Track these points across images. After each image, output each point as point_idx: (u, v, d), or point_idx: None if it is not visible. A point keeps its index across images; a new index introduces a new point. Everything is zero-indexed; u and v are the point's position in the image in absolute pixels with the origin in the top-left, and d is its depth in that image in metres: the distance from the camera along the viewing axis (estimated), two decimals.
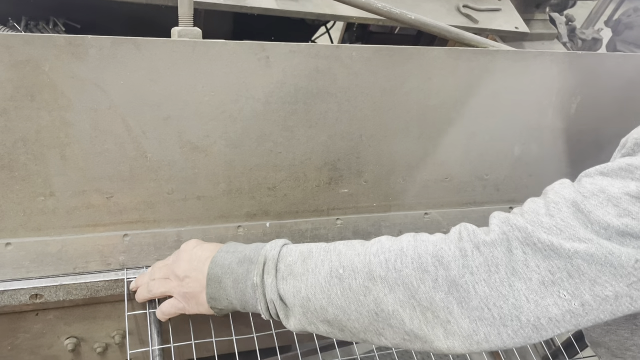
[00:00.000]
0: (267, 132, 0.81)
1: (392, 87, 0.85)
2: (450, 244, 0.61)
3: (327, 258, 0.65)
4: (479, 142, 0.95)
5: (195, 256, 0.73)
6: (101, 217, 0.77)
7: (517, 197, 1.02)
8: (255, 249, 0.71)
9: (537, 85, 0.95)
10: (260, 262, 0.68)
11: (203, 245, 0.75)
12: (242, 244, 0.75)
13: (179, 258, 0.75)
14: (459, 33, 0.87)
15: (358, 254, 0.64)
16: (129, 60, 0.70)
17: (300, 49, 0.78)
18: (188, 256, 0.74)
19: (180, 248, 0.76)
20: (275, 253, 0.68)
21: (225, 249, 0.73)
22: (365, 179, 0.90)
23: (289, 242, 0.72)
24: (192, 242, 0.77)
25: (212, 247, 0.75)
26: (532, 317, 0.55)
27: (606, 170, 0.60)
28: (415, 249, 0.61)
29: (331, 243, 0.69)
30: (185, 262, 0.73)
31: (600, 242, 0.54)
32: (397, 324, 0.60)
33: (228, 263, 0.70)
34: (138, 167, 0.76)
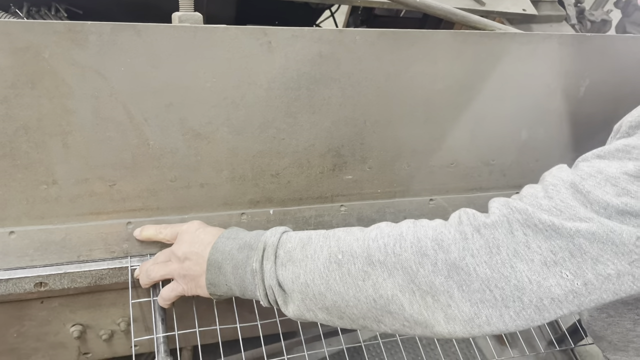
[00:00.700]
0: (270, 118, 0.81)
1: (396, 72, 0.85)
2: (450, 227, 0.61)
3: (326, 244, 0.66)
4: (485, 127, 0.94)
5: (197, 239, 0.74)
6: (104, 205, 0.77)
7: (524, 183, 1.01)
8: (255, 235, 0.71)
9: (545, 69, 0.94)
10: (260, 248, 0.68)
11: (206, 229, 0.76)
12: (244, 230, 0.75)
13: (181, 239, 0.75)
14: (465, 16, 0.86)
15: (357, 239, 0.64)
16: (130, 46, 0.70)
17: (303, 33, 0.78)
18: (190, 238, 0.75)
19: (183, 228, 0.77)
20: (275, 240, 0.68)
21: (226, 234, 0.73)
22: (370, 165, 0.90)
23: (290, 229, 0.73)
24: (195, 224, 0.77)
25: (214, 231, 0.75)
26: (534, 298, 0.55)
27: (603, 153, 0.61)
28: (414, 233, 0.62)
29: (331, 230, 0.69)
30: (186, 243, 0.74)
31: (601, 220, 0.54)
32: (396, 309, 0.60)
33: (229, 249, 0.70)
34: (140, 155, 0.76)
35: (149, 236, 0.78)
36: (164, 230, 0.77)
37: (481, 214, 0.61)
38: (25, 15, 1.32)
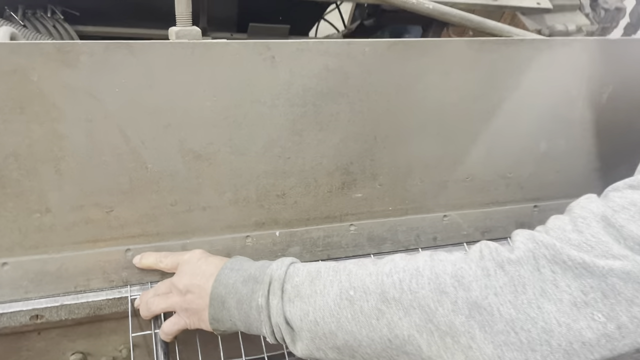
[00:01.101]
0: (274, 137, 0.77)
1: (408, 84, 0.80)
2: (470, 263, 0.57)
3: (336, 278, 0.62)
4: (502, 139, 0.90)
5: (199, 270, 0.71)
6: (101, 232, 0.74)
7: (542, 195, 0.98)
8: (261, 267, 0.68)
9: (565, 75, 0.90)
10: (266, 282, 0.65)
11: (208, 259, 0.72)
12: (249, 260, 0.72)
13: (182, 270, 0.72)
14: (481, 22, 0.81)
15: (370, 274, 0.61)
16: (124, 66, 0.67)
17: (309, 46, 0.73)
18: (191, 269, 0.71)
19: (184, 258, 0.74)
20: (282, 273, 0.65)
21: (230, 265, 0.70)
22: (380, 182, 0.86)
23: (297, 260, 0.69)
24: (196, 254, 0.74)
25: (217, 261, 0.72)
26: (563, 341, 0.51)
27: (636, 183, 0.56)
28: (432, 268, 0.58)
29: (341, 262, 0.65)
30: (187, 275, 0.71)
31: (636, 258, 0.50)
32: (413, 350, 0.57)
33: (232, 282, 0.67)
34: (138, 179, 0.73)
35: (148, 264, 0.75)
36: (165, 259, 0.74)
37: (504, 247, 0.57)
38: (20, 19, 1.29)
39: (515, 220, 0.96)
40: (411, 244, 0.90)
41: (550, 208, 0.98)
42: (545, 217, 0.98)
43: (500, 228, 0.95)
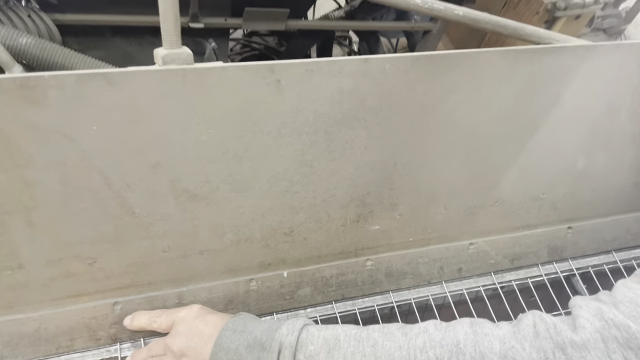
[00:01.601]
0: (280, 170, 0.67)
1: (433, 103, 0.70)
2: (523, 341, 0.49)
3: (359, 350, 0.54)
4: (536, 158, 0.80)
5: (196, 330, 0.62)
6: (85, 286, 0.65)
7: (577, 216, 0.89)
8: (268, 330, 0.59)
9: (609, 85, 0.80)
10: (275, 350, 0.56)
11: (207, 317, 0.64)
12: (255, 319, 0.63)
13: (177, 331, 0.63)
14: (518, 28, 0.71)
15: (399, 347, 0.52)
16: (102, 99, 0.56)
17: (320, 67, 0.63)
18: (187, 329, 0.63)
19: (179, 316, 0.65)
20: (293, 339, 0.56)
21: (232, 326, 0.61)
22: (400, 212, 0.76)
23: (310, 322, 0.60)
24: (194, 311, 0.65)
25: (217, 320, 0.63)
26: None
27: None
28: (475, 345, 0.50)
29: (364, 328, 0.57)
30: (183, 336, 0.62)
31: None
32: None
33: (235, 347, 0.58)
34: (124, 226, 0.63)
35: (141, 326, 0.66)
36: (158, 319, 0.65)
37: (564, 323, 0.48)
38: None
39: (548, 245, 0.88)
40: (434, 277, 0.82)
41: (585, 229, 0.90)
42: (579, 239, 0.91)
43: (531, 254, 0.87)
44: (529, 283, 0.86)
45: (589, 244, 0.91)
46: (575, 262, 0.90)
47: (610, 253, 0.93)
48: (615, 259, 0.93)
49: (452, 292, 0.82)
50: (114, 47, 1.31)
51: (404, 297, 0.80)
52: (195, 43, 1.42)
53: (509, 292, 0.86)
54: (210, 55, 1.42)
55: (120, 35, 1.28)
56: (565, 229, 0.89)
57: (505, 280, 0.85)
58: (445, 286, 0.82)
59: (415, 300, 0.80)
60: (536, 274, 0.87)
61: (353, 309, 0.77)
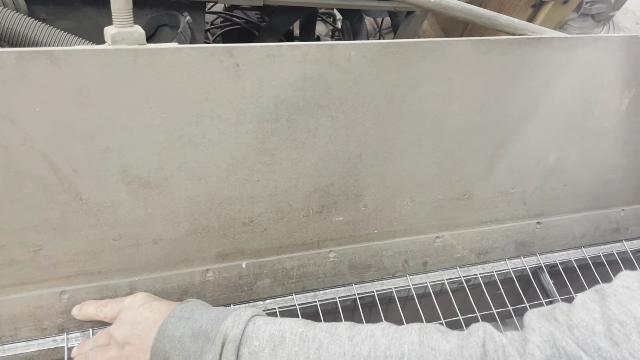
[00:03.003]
0: (240, 158, 0.65)
1: (402, 94, 0.69)
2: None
3: (303, 351, 0.52)
4: (507, 152, 0.79)
5: (140, 317, 0.60)
6: (30, 274, 0.63)
7: (547, 211, 0.88)
8: (214, 320, 0.57)
9: (583, 80, 0.78)
10: (219, 342, 0.54)
11: (152, 304, 0.62)
12: (204, 306, 0.61)
13: (122, 319, 0.61)
14: (492, 18, 0.69)
15: (344, 354, 0.51)
16: (46, 80, 0.54)
17: (282, 52, 0.61)
18: (132, 317, 0.61)
19: (125, 303, 0.63)
20: (239, 332, 0.54)
21: (178, 313, 0.59)
22: (365, 204, 0.75)
23: (259, 312, 0.58)
24: (139, 298, 0.63)
25: (163, 307, 0.61)
26: None
27: None
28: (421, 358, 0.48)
29: (311, 325, 0.55)
30: (127, 325, 0.60)
31: None
32: None
33: (179, 335, 0.56)
34: (72, 213, 0.61)
35: (89, 316, 0.64)
36: (106, 308, 0.63)
37: (513, 347, 0.47)
38: None
39: (516, 240, 0.87)
40: (399, 270, 0.81)
41: (554, 225, 0.90)
42: (548, 235, 0.91)
43: (499, 249, 0.87)
44: (495, 277, 0.86)
45: (557, 240, 0.91)
46: (543, 257, 0.90)
47: (579, 249, 0.93)
48: (584, 255, 0.93)
49: (416, 285, 0.81)
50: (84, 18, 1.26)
51: (367, 289, 0.79)
52: (170, 16, 1.37)
53: (475, 285, 0.86)
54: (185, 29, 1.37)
55: (90, 4, 1.23)
56: (534, 225, 0.89)
57: (471, 274, 0.85)
58: (410, 279, 0.81)
59: (379, 293, 0.80)
60: (503, 268, 0.87)
61: (314, 301, 0.76)
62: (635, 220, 0.95)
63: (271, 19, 1.76)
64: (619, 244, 0.95)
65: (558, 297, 0.87)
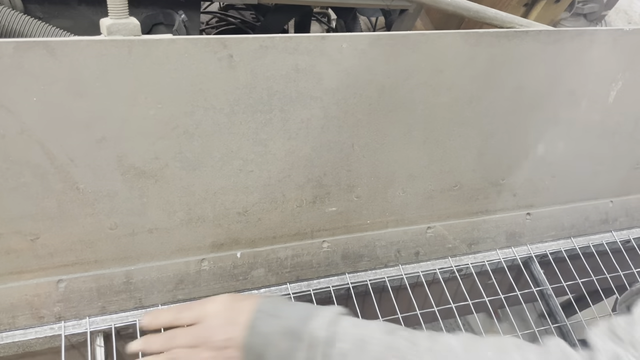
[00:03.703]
0: (234, 148, 0.66)
1: (392, 85, 0.70)
2: None
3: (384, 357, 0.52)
4: (496, 143, 0.81)
5: (230, 319, 0.59)
6: (27, 263, 0.64)
7: (536, 202, 0.90)
8: (302, 318, 0.56)
9: (571, 72, 0.80)
10: (308, 341, 0.54)
11: (237, 305, 0.60)
12: (284, 302, 0.61)
13: (210, 325, 0.60)
14: (480, 11, 0.70)
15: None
16: (43, 70, 0.55)
17: (274, 43, 0.62)
18: (222, 320, 0.59)
19: (208, 310, 0.61)
20: (327, 333, 0.54)
21: (264, 309, 0.58)
22: (358, 194, 0.76)
23: (344, 311, 0.58)
24: (224, 300, 0.61)
25: (247, 305, 0.59)
26: None
27: None
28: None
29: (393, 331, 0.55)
30: (220, 327, 0.59)
31: None
32: None
33: (271, 332, 0.56)
34: (68, 202, 0.62)
35: (164, 324, 0.62)
36: (183, 314, 0.61)
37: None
38: None
39: (506, 230, 0.89)
40: (391, 260, 0.82)
41: (544, 215, 0.91)
42: (538, 225, 0.92)
43: (489, 239, 0.88)
44: (486, 266, 0.88)
45: (547, 231, 0.92)
46: (533, 247, 0.91)
47: (569, 239, 0.94)
48: (574, 245, 0.94)
49: (409, 274, 0.82)
50: (80, 16, 1.27)
51: (360, 278, 0.80)
52: (165, 14, 1.38)
53: (467, 275, 0.88)
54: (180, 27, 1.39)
55: (86, 3, 1.24)
56: (524, 215, 0.90)
57: (462, 264, 0.86)
58: (402, 268, 0.82)
59: (372, 282, 0.81)
60: (494, 257, 0.88)
61: (308, 290, 0.78)
62: (623, 211, 0.97)
63: (265, 18, 1.77)
64: (608, 234, 0.96)
65: (549, 285, 0.89)
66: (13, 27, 1.07)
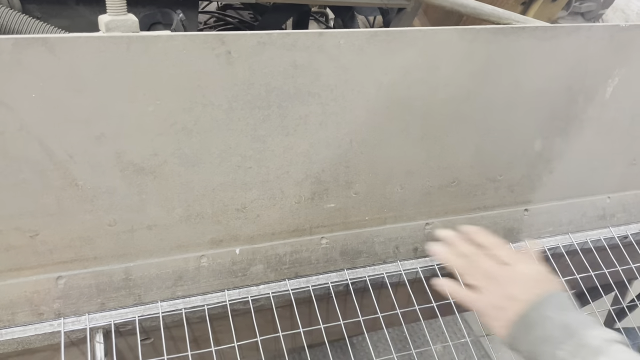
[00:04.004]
0: (232, 144, 0.67)
1: (390, 81, 0.70)
2: None
3: None
4: (493, 140, 0.81)
5: (533, 284, 0.65)
6: (26, 259, 0.64)
7: (534, 198, 0.90)
8: (584, 323, 0.60)
9: (567, 68, 0.80)
10: (575, 341, 0.58)
11: (543, 279, 0.67)
12: (572, 305, 0.64)
13: (515, 275, 0.67)
14: (477, 7, 0.70)
15: None
16: (42, 66, 0.55)
17: (272, 39, 0.62)
18: (527, 279, 0.66)
19: (519, 264, 0.68)
20: (598, 345, 0.57)
21: (560, 297, 0.63)
22: (356, 190, 0.77)
23: (624, 340, 0.60)
24: (535, 268, 0.68)
25: (549, 285, 0.66)
26: None
27: None
28: None
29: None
30: (519, 282, 0.66)
31: None
32: None
33: (551, 317, 0.61)
34: (67, 198, 0.62)
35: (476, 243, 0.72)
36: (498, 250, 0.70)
37: None
38: None
39: (504, 226, 0.89)
40: (389, 256, 0.83)
41: (541, 211, 0.91)
42: (536, 222, 0.93)
43: None
44: None
45: (545, 227, 0.93)
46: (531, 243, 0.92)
47: (566, 235, 0.95)
48: (571, 241, 0.95)
49: (407, 270, 0.83)
50: (78, 16, 1.27)
51: (359, 274, 0.81)
52: (163, 14, 1.38)
53: None
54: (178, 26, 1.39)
55: (83, 3, 1.24)
56: (521, 211, 0.90)
57: None
58: (400, 264, 0.82)
59: (370, 278, 0.81)
60: None
61: (307, 286, 0.78)
62: (620, 207, 0.97)
63: (263, 17, 1.77)
64: (606, 230, 0.97)
65: None
66: (11, 27, 1.07)
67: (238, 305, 0.76)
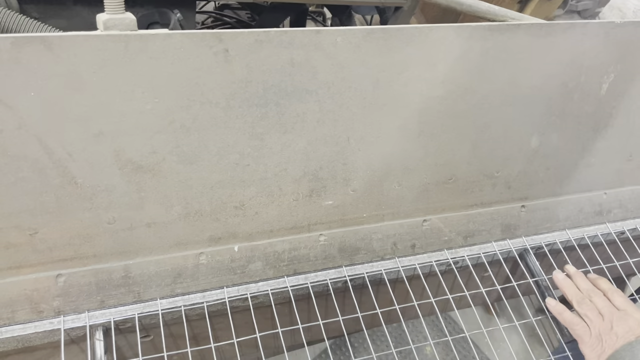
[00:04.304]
0: (230, 142, 0.67)
1: (387, 79, 0.71)
2: None
3: None
4: (490, 136, 0.82)
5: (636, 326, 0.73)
6: (26, 257, 0.64)
7: (531, 194, 0.91)
8: None
9: (563, 65, 0.81)
10: None
11: None
12: None
13: (623, 320, 0.74)
14: (472, 5, 0.71)
15: None
16: (40, 65, 0.55)
17: (270, 37, 0.62)
18: (632, 323, 0.74)
19: (633, 310, 0.76)
20: None
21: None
22: (354, 187, 0.77)
23: None
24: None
25: None
26: None
27: None
28: None
29: None
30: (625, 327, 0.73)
31: None
32: None
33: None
34: (66, 196, 0.62)
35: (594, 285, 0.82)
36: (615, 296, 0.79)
37: None
38: None
39: (501, 223, 0.90)
40: (387, 253, 0.83)
41: (538, 208, 0.92)
42: (533, 218, 0.93)
43: (484, 231, 0.89)
44: (482, 258, 0.88)
45: (542, 223, 0.93)
46: (529, 239, 0.92)
47: (563, 231, 0.95)
48: (569, 237, 0.95)
49: (405, 266, 0.83)
50: (76, 16, 1.27)
51: (357, 271, 0.81)
52: (160, 14, 1.38)
53: (463, 267, 0.88)
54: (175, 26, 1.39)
55: (81, 3, 1.25)
56: (518, 207, 0.91)
57: (458, 256, 0.87)
58: (398, 261, 0.83)
59: (369, 274, 0.81)
60: (490, 249, 0.89)
61: (305, 283, 0.78)
62: (617, 203, 0.98)
63: (261, 17, 1.78)
64: (603, 226, 0.97)
65: (545, 276, 0.89)
66: (9, 27, 1.07)
67: (237, 303, 0.76)
